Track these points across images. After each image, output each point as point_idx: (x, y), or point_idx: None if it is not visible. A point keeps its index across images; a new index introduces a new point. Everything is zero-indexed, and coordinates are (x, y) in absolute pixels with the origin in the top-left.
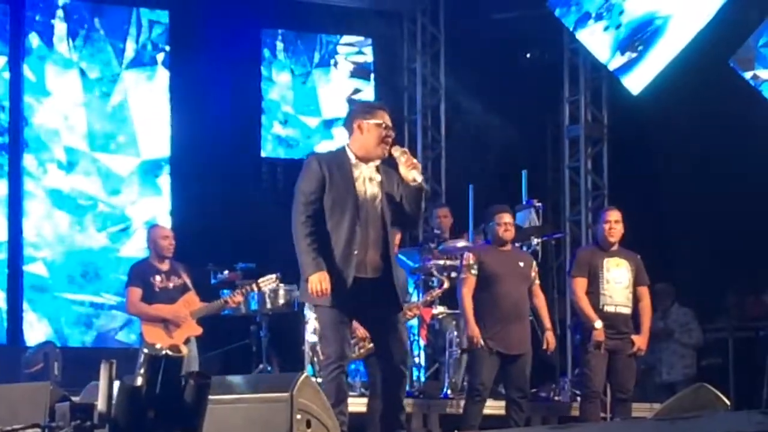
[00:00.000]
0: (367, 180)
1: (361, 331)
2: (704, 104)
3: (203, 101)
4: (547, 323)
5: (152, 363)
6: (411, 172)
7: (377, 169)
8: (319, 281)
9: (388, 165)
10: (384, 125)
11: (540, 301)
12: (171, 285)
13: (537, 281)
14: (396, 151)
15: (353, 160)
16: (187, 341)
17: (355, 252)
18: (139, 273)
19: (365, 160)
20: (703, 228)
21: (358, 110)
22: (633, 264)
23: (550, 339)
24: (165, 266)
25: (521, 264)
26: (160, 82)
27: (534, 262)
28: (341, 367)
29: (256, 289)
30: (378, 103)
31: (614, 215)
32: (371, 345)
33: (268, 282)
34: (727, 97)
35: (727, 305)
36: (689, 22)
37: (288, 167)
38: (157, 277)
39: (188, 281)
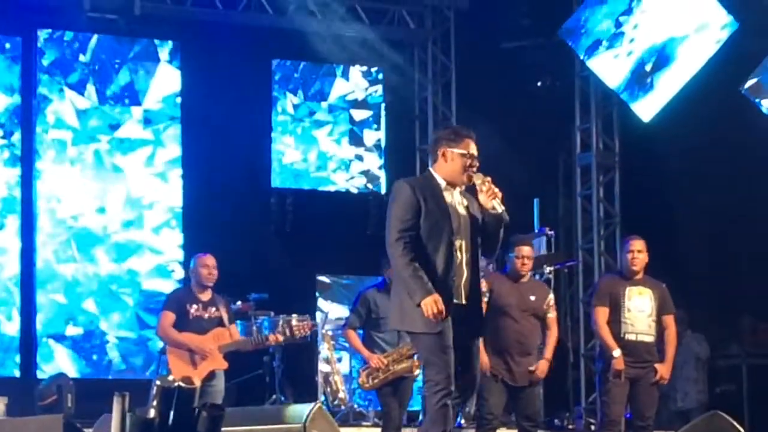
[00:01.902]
0: (458, 204)
1: (374, 361)
2: (716, 131)
3: (214, 131)
4: (548, 354)
5: (165, 395)
6: (491, 201)
7: (462, 193)
8: (434, 302)
9: (466, 189)
10: (468, 155)
11: (551, 332)
12: (206, 315)
13: (550, 314)
14: (477, 179)
15: (443, 184)
16: (212, 375)
17: (454, 278)
18: (176, 299)
19: (452, 185)
20: (716, 254)
21: (443, 137)
22: (657, 292)
23: (542, 366)
24: (205, 296)
25: (532, 297)
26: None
27: (550, 294)
28: (449, 394)
29: (292, 333)
30: (465, 130)
31: (638, 245)
32: (384, 375)
33: (306, 326)
34: (738, 124)
35: (741, 331)
36: (700, 49)
37: (297, 197)
38: (194, 306)
39: (225, 316)
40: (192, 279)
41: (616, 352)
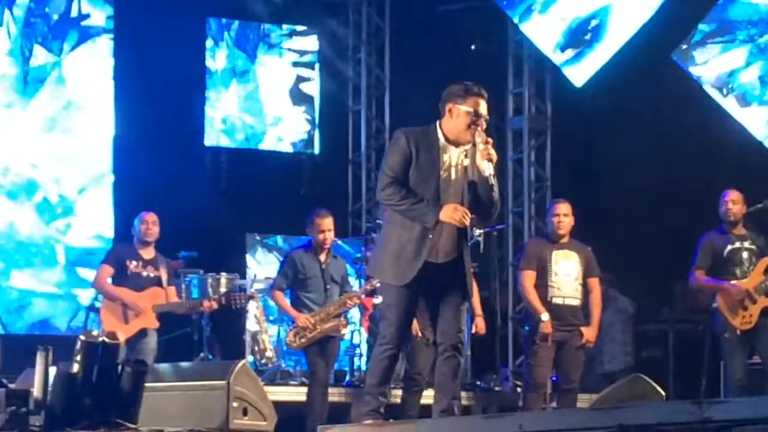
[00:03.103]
0: (453, 165)
1: (301, 320)
2: (648, 97)
3: (147, 90)
4: (477, 310)
5: (88, 350)
6: (483, 162)
7: (466, 153)
8: (455, 209)
9: None
10: (474, 113)
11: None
12: (145, 273)
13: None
14: (478, 137)
15: (442, 141)
16: (144, 333)
17: (430, 236)
18: (117, 253)
19: (454, 143)
20: (647, 219)
21: (453, 92)
22: (583, 256)
23: (479, 324)
24: (147, 254)
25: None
26: (104, 68)
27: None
28: (393, 349)
29: (229, 303)
30: (477, 88)
31: (564, 208)
32: (311, 335)
33: (244, 299)
34: (670, 89)
35: (674, 296)
36: (632, 15)
37: (232, 156)
38: (133, 262)
39: (164, 276)
40: (134, 236)
41: (545, 316)
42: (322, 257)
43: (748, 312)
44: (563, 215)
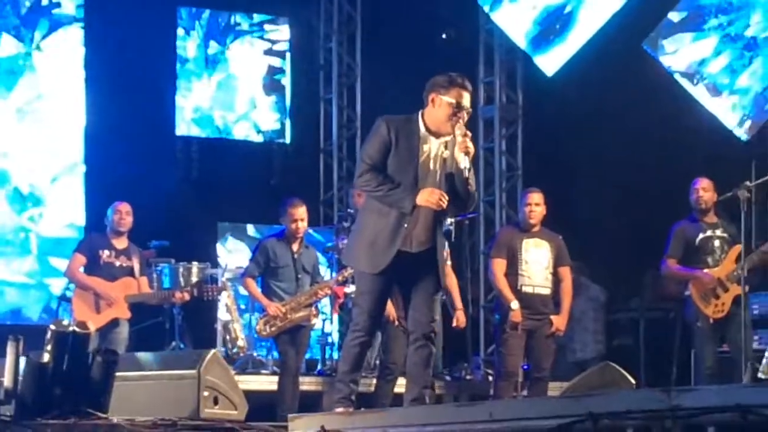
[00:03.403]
0: (432, 156)
1: (272, 309)
2: (618, 86)
3: (118, 80)
4: (458, 303)
5: (59, 339)
6: (460, 155)
7: (446, 144)
8: (431, 193)
9: None
10: (456, 104)
11: (450, 280)
12: (117, 263)
13: (448, 261)
14: (458, 130)
15: (423, 131)
16: (115, 323)
17: (405, 225)
18: (89, 243)
19: (435, 134)
20: (618, 208)
21: (437, 83)
22: (554, 245)
23: (460, 317)
24: (120, 244)
25: None
26: (75, 58)
27: (445, 243)
28: (364, 336)
29: (201, 294)
30: (461, 79)
31: (536, 198)
32: (282, 324)
33: (216, 290)
34: (640, 79)
35: (644, 285)
36: (603, 4)
37: (203, 145)
38: (106, 252)
39: (137, 267)
40: (107, 225)
41: (514, 304)
42: (295, 246)
43: (720, 300)
44: (535, 204)
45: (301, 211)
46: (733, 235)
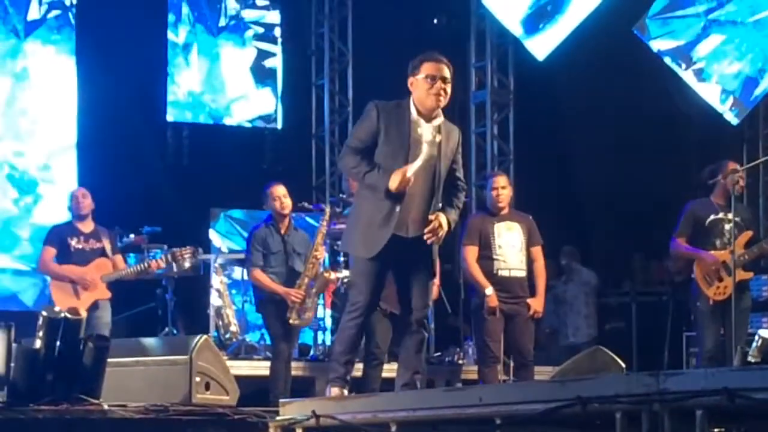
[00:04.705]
0: (425, 141)
1: (292, 296)
2: (609, 70)
3: (109, 66)
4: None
5: (51, 325)
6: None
7: (439, 128)
8: (400, 174)
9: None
10: (429, 76)
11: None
12: (88, 248)
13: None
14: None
15: (414, 115)
16: (96, 306)
17: (397, 210)
18: (57, 233)
19: (426, 117)
20: (609, 193)
21: (410, 67)
22: (525, 226)
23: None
24: (86, 228)
25: None
26: (65, 43)
27: None
28: (361, 317)
29: (175, 260)
30: (427, 54)
31: (501, 181)
32: (311, 299)
33: (187, 253)
34: (631, 63)
35: (633, 268)
36: None
37: (194, 131)
38: (74, 239)
39: (108, 246)
40: (71, 213)
41: (489, 290)
42: (283, 229)
43: (722, 283)
44: (501, 188)
45: (280, 188)
46: (747, 220)
